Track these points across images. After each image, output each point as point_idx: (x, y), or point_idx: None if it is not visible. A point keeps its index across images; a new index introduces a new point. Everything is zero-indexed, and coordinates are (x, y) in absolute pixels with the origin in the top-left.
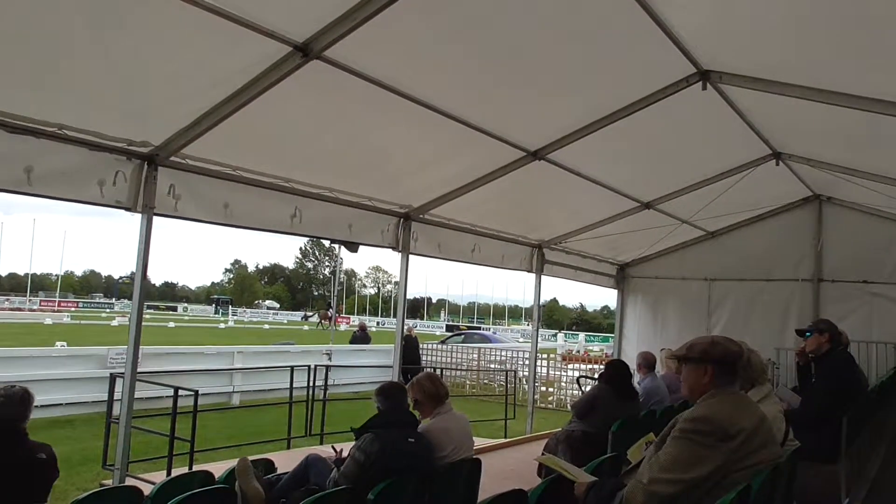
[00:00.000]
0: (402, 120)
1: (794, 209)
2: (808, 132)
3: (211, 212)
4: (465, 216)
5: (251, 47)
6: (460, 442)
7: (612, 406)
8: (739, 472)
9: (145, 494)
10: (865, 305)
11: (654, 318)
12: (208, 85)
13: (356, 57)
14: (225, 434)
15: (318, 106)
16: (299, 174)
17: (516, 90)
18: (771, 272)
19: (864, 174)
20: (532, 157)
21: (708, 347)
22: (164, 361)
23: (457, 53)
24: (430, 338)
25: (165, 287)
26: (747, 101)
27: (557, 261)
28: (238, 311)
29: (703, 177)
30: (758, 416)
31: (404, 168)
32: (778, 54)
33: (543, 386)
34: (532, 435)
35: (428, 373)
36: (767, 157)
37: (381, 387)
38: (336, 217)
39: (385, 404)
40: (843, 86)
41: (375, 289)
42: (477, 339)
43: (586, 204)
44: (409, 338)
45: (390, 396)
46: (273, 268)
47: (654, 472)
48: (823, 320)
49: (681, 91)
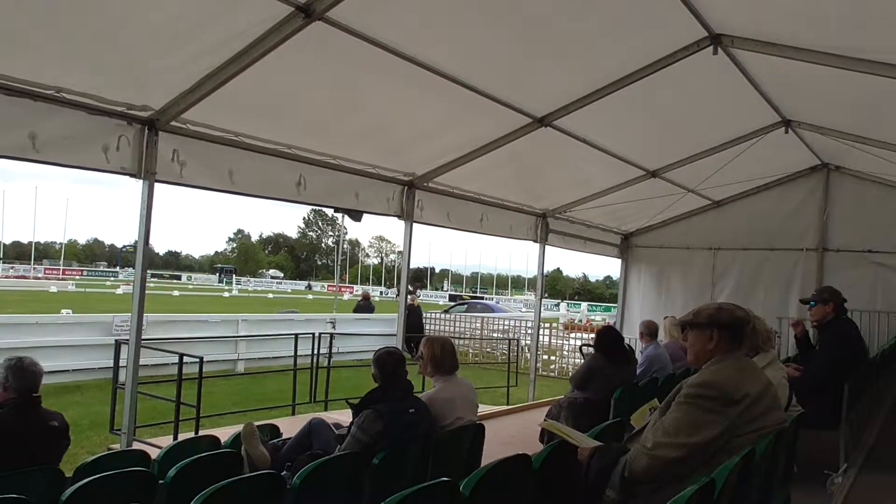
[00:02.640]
0: (407, 84)
1: (801, 178)
2: (818, 99)
3: (216, 179)
4: (470, 184)
5: (252, 8)
6: (464, 411)
7: (608, 373)
8: (744, 437)
9: (152, 458)
10: (870, 275)
11: (658, 287)
12: (208, 47)
13: (360, 18)
14: (231, 400)
15: (322, 70)
16: (303, 141)
17: (523, 55)
18: (776, 241)
19: (874, 142)
20: (538, 123)
21: (714, 313)
22: (169, 329)
23: (463, 16)
24: (434, 307)
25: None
26: (758, 67)
27: (562, 230)
28: (242, 280)
29: (710, 145)
30: (763, 381)
31: (409, 134)
32: (791, 18)
33: (545, 354)
34: (534, 402)
35: (444, 338)
36: (777, 124)
37: (379, 356)
38: (341, 185)
39: (382, 377)
40: (857, 50)
41: (379, 258)
42: (480, 309)
43: (592, 172)
44: (413, 307)
45: (387, 364)
46: (276, 237)
47: (659, 437)
48: (827, 288)
49: (691, 56)
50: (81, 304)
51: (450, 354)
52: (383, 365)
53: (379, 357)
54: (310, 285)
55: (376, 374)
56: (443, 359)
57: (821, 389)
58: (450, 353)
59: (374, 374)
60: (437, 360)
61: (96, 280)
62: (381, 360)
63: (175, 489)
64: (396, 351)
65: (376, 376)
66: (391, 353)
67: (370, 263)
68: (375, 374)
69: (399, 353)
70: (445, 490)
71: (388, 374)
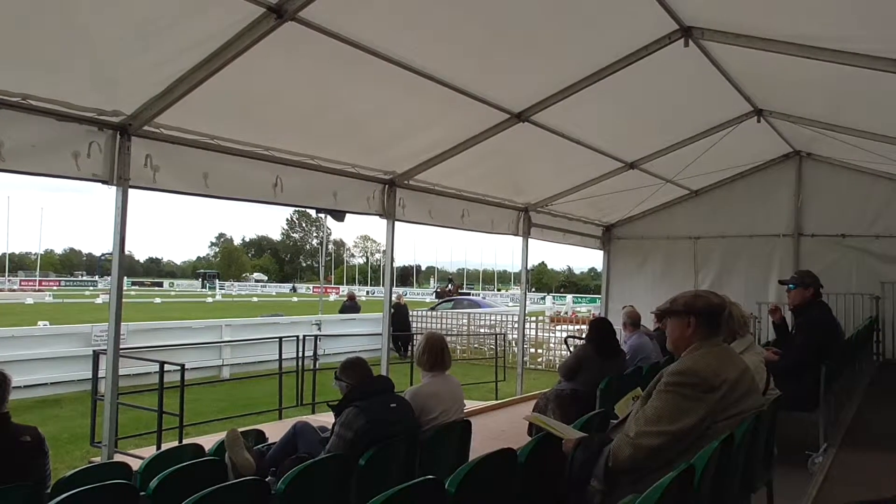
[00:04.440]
0: (383, 83)
1: (775, 166)
2: (789, 88)
3: (191, 183)
4: (451, 181)
5: (223, 10)
6: (450, 405)
7: (596, 365)
8: (723, 422)
9: (134, 469)
10: (844, 258)
11: (641, 277)
12: (180, 50)
13: (333, 18)
14: (216, 407)
15: (296, 70)
16: (279, 141)
17: (498, 51)
18: (753, 228)
19: (843, 129)
20: (516, 119)
21: (691, 300)
22: (151, 337)
23: (436, 14)
24: (421, 305)
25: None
26: (729, 58)
27: (544, 223)
28: (225, 284)
29: (686, 135)
30: (740, 367)
31: (387, 133)
32: (759, 9)
33: (533, 348)
34: (522, 396)
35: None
36: (749, 113)
37: (343, 364)
38: (319, 185)
39: (355, 377)
40: (825, 40)
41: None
42: (466, 305)
43: (571, 165)
44: (399, 306)
45: (356, 368)
46: (260, 240)
47: (641, 426)
48: (808, 273)
49: (663, 48)
50: (59, 314)
51: (439, 351)
52: (352, 367)
53: (344, 364)
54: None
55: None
56: (433, 357)
57: (800, 371)
58: (439, 350)
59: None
60: (429, 358)
61: (75, 290)
62: (348, 364)
63: (157, 500)
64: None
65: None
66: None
67: (356, 263)
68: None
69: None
70: (431, 488)
71: (360, 374)
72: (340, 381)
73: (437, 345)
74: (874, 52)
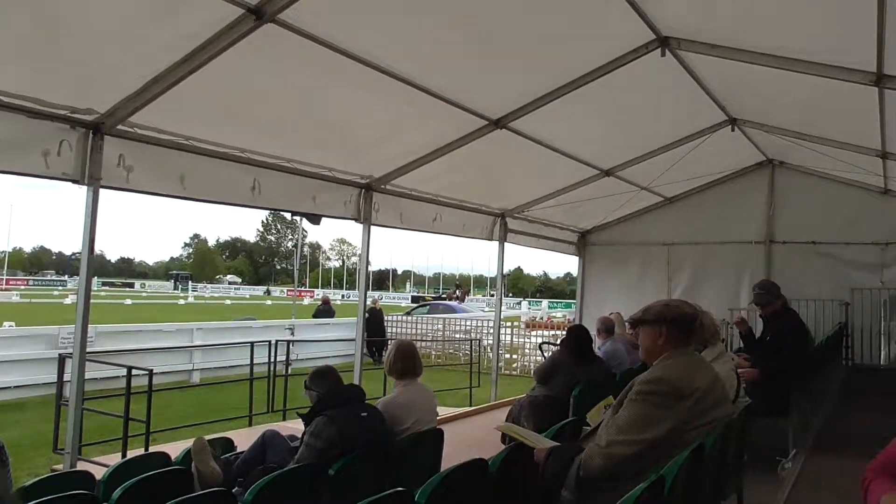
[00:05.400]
0: (363, 87)
1: (748, 174)
2: (762, 98)
3: (166, 184)
4: (428, 186)
5: (201, 9)
6: (422, 415)
7: (571, 370)
8: (694, 431)
9: (97, 479)
10: (814, 265)
11: (616, 283)
12: (157, 49)
13: (314, 21)
14: (185, 413)
15: (274, 72)
16: (257, 144)
17: (478, 58)
18: (726, 235)
19: (815, 138)
20: (494, 125)
21: (663, 309)
22: (120, 340)
23: (417, 19)
24: (396, 309)
25: (122, 263)
26: (704, 68)
27: (520, 229)
28: (198, 286)
29: (661, 143)
30: (711, 376)
31: (365, 137)
32: (734, 21)
33: (508, 353)
34: (496, 402)
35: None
36: (723, 122)
37: (313, 373)
38: (297, 188)
39: (324, 385)
40: (797, 51)
41: (340, 261)
42: (442, 310)
43: (548, 172)
44: (374, 310)
45: (326, 377)
46: (234, 241)
47: (612, 435)
48: (771, 284)
49: (641, 58)
50: (26, 315)
51: (410, 357)
52: (322, 376)
53: (314, 373)
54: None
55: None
56: (403, 364)
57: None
58: (410, 356)
59: (313, 392)
60: (398, 362)
61: (43, 290)
62: (318, 373)
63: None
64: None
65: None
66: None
67: (331, 266)
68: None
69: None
70: (401, 500)
71: (329, 383)
72: (310, 390)
73: (408, 352)
74: (844, 63)
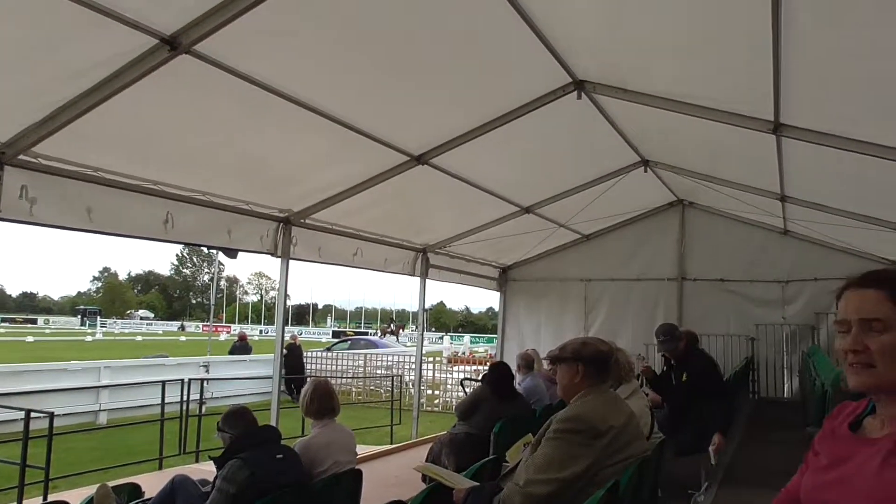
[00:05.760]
0: (281, 121)
1: (661, 213)
2: (671, 141)
3: (72, 217)
4: (349, 220)
5: (113, 38)
6: (341, 455)
7: (493, 406)
8: (610, 468)
9: None
10: (723, 302)
11: (535, 318)
12: (65, 76)
13: (230, 53)
14: (90, 457)
15: (190, 104)
16: (171, 177)
17: (399, 94)
18: (641, 272)
19: (721, 181)
20: (416, 161)
21: (579, 347)
22: (19, 380)
23: (338, 55)
24: (317, 345)
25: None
26: (618, 111)
27: (442, 264)
28: (108, 322)
29: (578, 182)
30: (626, 413)
31: (284, 171)
32: (641, 68)
33: (430, 389)
34: (418, 439)
35: (325, 382)
36: (637, 163)
37: (225, 414)
38: (212, 222)
39: (238, 427)
40: (699, 99)
41: (259, 296)
42: (363, 345)
43: (469, 208)
44: (293, 346)
45: (240, 418)
46: (147, 275)
47: (531, 474)
48: (670, 327)
49: (558, 99)
50: None
51: (328, 397)
52: (234, 418)
53: (227, 414)
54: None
55: (229, 431)
56: (321, 402)
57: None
58: (328, 395)
59: (226, 434)
60: (315, 402)
61: None
62: (231, 414)
63: None
64: (242, 407)
65: (230, 434)
66: (236, 408)
67: (249, 301)
68: (227, 432)
69: (243, 407)
70: None
71: (243, 424)
72: (223, 431)
73: (325, 392)
74: (745, 112)
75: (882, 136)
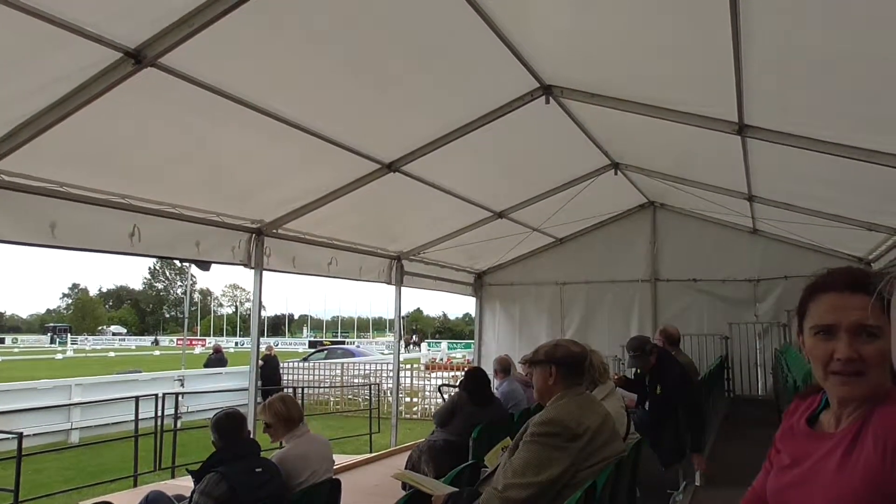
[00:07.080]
0: (250, 131)
1: (632, 215)
2: (640, 144)
3: (34, 233)
4: (322, 229)
5: (76, 52)
6: (318, 465)
7: (471, 412)
8: (587, 470)
9: None
10: (696, 302)
11: (512, 323)
12: (26, 91)
13: (196, 65)
14: (62, 477)
15: (156, 116)
16: (137, 189)
17: (368, 103)
18: (615, 274)
19: (690, 182)
20: (387, 169)
21: (551, 350)
22: None
23: (306, 65)
24: (293, 355)
25: None
26: (587, 115)
27: (416, 272)
28: (79, 339)
29: (549, 186)
30: (601, 414)
31: (254, 182)
32: (610, 72)
33: (408, 396)
34: (397, 448)
35: (280, 394)
36: (607, 167)
37: (215, 420)
38: (181, 234)
39: (222, 438)
40: (666, 102)
41: (233, 308)
42: (340, 354)
43: (443, 214)
44: (269, 357)
45: (225, 428)
46: (119, 290)
47: (508, 478)
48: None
49: (526, 105)
50: None
51: (292, 403)
52: (221, 427)
53: (216, 420)
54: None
55: (215, 439)
56: (289, 411)
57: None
58: (290, 401)
59: (214, 439)
60: (284, 415)
61: None
62: (219, 422)
63: None
64: (235, 412)
65: (216, 441)
66: (227, 413)
67: (224, 313)
68: (215, 439)
69: (239, 414)
70: None
71: (226, 436)
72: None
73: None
74: (710, 114)
75: (843, 136)
